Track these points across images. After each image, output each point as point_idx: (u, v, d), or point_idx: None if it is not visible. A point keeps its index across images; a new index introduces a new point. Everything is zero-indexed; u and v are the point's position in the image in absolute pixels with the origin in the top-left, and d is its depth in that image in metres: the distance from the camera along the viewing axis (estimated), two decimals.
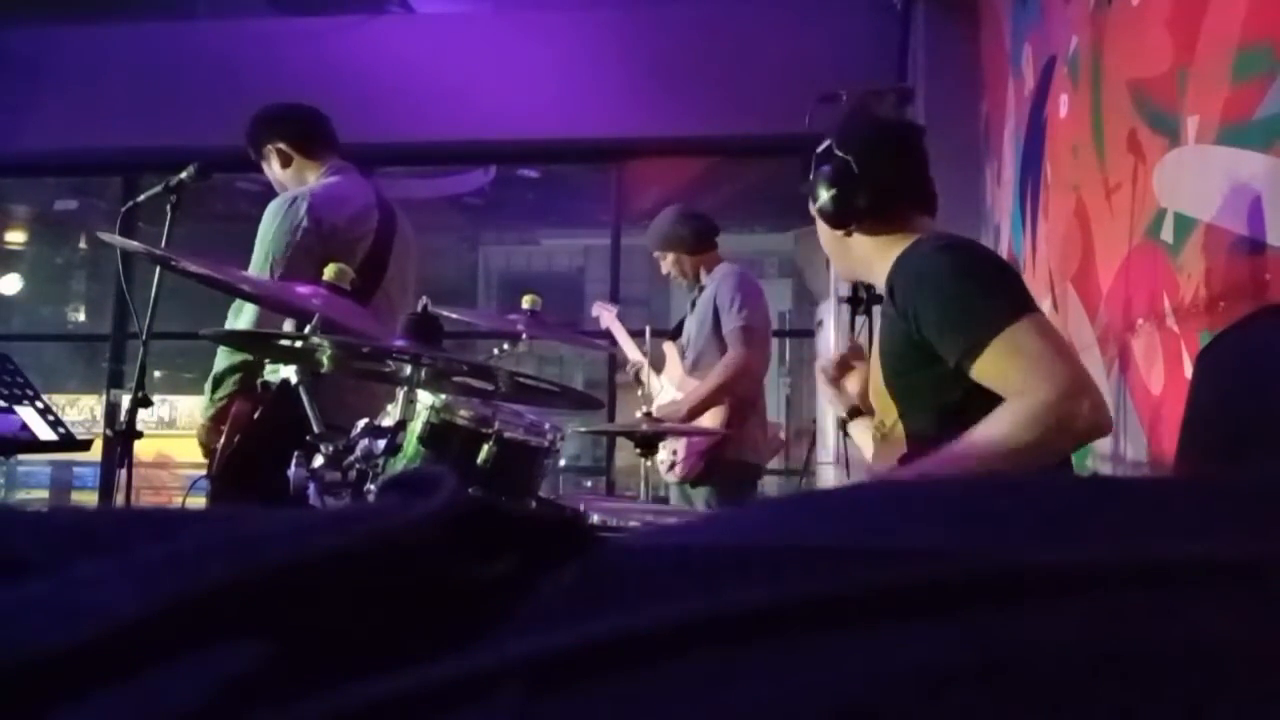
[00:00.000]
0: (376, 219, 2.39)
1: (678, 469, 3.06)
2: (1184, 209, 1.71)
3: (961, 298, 1.36)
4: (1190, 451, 1.25)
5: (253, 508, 0.25)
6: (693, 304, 3.29)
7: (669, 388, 3.26)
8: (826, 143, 1.56)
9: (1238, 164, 1.49)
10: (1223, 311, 1.51)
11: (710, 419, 3.05)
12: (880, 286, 1.52)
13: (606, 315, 3.59)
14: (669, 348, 3.37)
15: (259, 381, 2.22)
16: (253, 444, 2.14)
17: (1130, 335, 1.94)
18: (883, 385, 1.53)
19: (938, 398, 1.44)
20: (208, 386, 2.27)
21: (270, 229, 2.24)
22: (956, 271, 1.38)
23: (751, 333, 3.05)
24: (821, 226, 1.61)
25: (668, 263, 3.31)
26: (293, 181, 2.44)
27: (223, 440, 2.20)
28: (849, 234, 1.56)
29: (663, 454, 3.05)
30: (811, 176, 1.56)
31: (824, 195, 1.53)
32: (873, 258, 1.55)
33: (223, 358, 2.25)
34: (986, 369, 1.32)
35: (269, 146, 2.45)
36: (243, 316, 2.16)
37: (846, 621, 0.19)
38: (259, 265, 2.22)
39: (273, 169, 2.48)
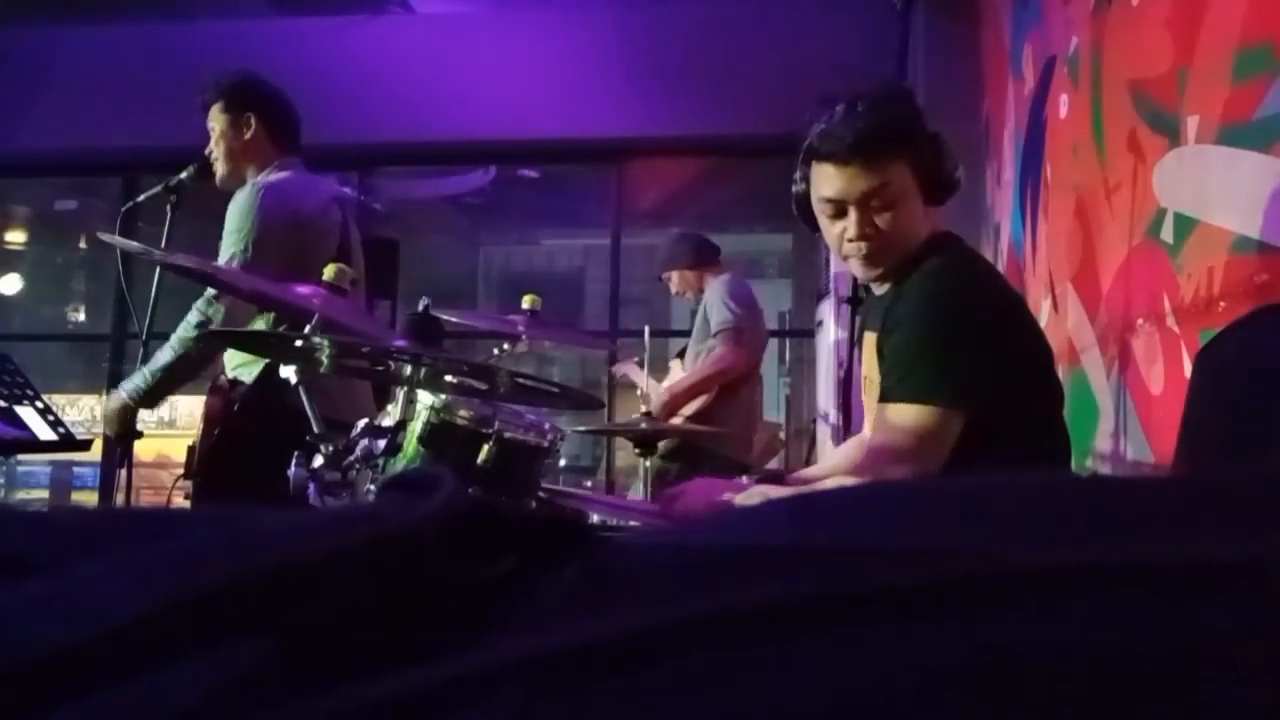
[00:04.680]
0: (339, 213, 2.35)
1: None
2: (1184, 209, 1.71)
3: (927, 344, 1.41)
4: (1190, 451, 1.25)
5: (252, 508, 0.25)
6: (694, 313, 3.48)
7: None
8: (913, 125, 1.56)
9: (1238, 164, 1.49)
10: (1223, 311, 1.51)
11: (691, 410, 3.24)
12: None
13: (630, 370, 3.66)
14: (675, 364, 3.65)
15: (227, 379, 2.17)
16: (230, 439, 2.12)
17: (1130, 335, 1.93)
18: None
19: None
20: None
21: (241, 218, 2.16)
22: (947, 319, 1.42)
23: (739, 334, 3.24)
24: (913, 206, 1.56)
25: (674, 281, 3.54)
26: (240, 154, 2.31)
27: (199, 438, 2.17)
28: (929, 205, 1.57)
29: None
30: (929, 152, 1.54)
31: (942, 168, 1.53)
32: (923, 230, 1.55)
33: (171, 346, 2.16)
34: (890, 409, 1.42)
35: (247, 113, 2.30)
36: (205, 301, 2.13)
37: (847, 621, 0.19)
38: (232, 254, 2.15)
39: (228, 132, 2.31)
